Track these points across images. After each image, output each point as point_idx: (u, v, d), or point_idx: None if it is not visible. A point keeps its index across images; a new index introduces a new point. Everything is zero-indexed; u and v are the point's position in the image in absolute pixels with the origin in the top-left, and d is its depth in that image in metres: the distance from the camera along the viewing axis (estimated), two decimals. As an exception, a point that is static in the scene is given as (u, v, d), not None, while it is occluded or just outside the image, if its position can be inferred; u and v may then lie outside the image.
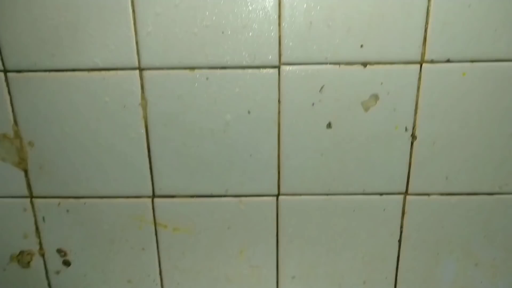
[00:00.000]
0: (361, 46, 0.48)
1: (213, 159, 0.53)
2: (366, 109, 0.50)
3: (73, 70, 0.50)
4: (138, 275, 0.59)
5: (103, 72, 0.50)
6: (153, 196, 0.55)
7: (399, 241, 0.56)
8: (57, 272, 0.60)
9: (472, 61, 0.48)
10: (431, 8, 0.46)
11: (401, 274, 0.58)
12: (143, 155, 0.53)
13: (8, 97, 0.52)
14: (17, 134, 0.53)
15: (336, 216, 0.55)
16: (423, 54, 0.48)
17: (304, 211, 0.55)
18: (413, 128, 0.51)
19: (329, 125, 0.51)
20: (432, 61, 0.48)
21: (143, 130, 0.52)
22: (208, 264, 0.58)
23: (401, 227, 0.55)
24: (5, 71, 0.50)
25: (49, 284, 0.60)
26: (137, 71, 0.50)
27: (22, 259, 0.58)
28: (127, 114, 0.52)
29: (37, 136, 0.53)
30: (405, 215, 0.55)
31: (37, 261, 0.59)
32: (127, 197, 0.55)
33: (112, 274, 0.59)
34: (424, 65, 0.48)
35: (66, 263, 0.59)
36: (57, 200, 0.56)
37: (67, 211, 0.56)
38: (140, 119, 0.52)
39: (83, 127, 0.52)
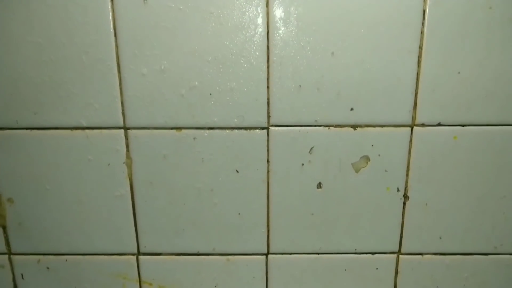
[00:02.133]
0: (351, 109, 0.58)
1: (200, 217, 0.63)
2: (357, 170, 0.60)
3: (56, 128, 0.60)
4: (121, 333, 0.69)
5: (87, 131, 0.60)
6: (138, 253, 0.65)
7: (393, 300, 0.66)
8: (37, 331, 0.69)
9: (463, 125, 0.58)
10: (421, 75, 0.56)
11: (395, 333, 0.68)
12: (127, 213, 0.63)
13: (-13, 154, 0.61)
14: (-4, 191, 0.63)
15: (327, 275, 0.65)
16: (413, 117, 0.58)
17: (294, 270, 0.65)
18: (405, 189, 0.61)
19: (319, 185, 0.61)
20: (423, 125, 0.58)
21: (128, 188, 0.62)
22: (195, 323, 0.68)
23: (395, 286, 0.66)
24: (-15, 129, 0.60)
25: None
26: (122, 130, 0.59)
27: (-1, 317, 0.68)
28: (111, 172, 0.61)
29: (17, 193, 0.63)
30: (398, 275, 0.65)
31: (15, 319, 0.69)
32: (111, 254, 0.65)
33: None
34: (415, 128, 0.58)
35: (46, 321, 0.68)
36: (36, 257, 0.66)
37: (47, 268, 0.66)
38: (124, 178, 0.61)
39: (65, 184, 0.62)
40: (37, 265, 0.66)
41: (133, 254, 0.65)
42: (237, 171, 0.60)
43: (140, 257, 0.65)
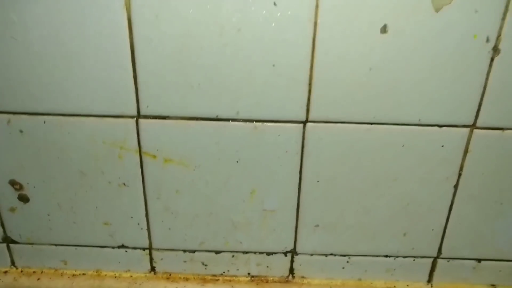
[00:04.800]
0: None
1: (221, 68, 0.53)
2: (437, 9, 0.50)
3: None
4: (117, 216, 0.64)
5: None
6: (138, 116, 0.57)
7: (455, 186, 0.61)
8: (12, 210, 0.64)
9: None
10: None
11: (452, 226, 0.64)
12: (124, 59, 0.53)
13: None
14: None
15: (380, 151, 0.58)
16: None
17: (338, 144, 0.58)
18: (497, 38, 0.52)
19: (384, 29, 0.51)
20: None
21: (125, 24, 0.52)
22: (209, 207, 0.62)
23: (461, 169, 0.59)
24: None
25: (1, 224, 0.65)
26: None
27: (-37, 191, 0.62)
28: (102, 2, 0.51)
29: (-27, 26, 0.52)
30: (467, 154, 0.58)
31: (-16, 195, 0.63)
32: (103, 116, 0.57)
33: (84, 215, 0.64)
34: None
35: (23, 199, 0.62)
36: (6, 117, 0.57)
37: (21, 131, 0.58)
38: (121, 8, 0.51)
39: (39, 18, 0.51)
40: (7, 127, 0.58)
41: (131, 117, 0.57)
42: (275, 4, 0.50)
43: (141, 120, 0.57)
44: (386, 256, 0.66)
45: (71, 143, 0.59)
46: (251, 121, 0.57)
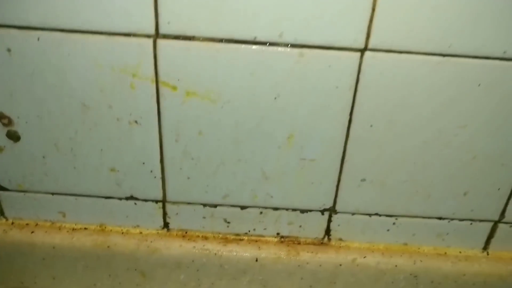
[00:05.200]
0: None
1: (265, -25, 0.43)
2: None
3: None
4: (126, 161, 0.54)
5: None
6: (156, 35, 0.46)
7: (535, 137, 0.51)
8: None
9: None
10: None
11: (522, 186, 0.55)
12: (141, -42, 0.42)
13: None
14: None
15: (450, 91, 0.48)
16: None
17: (401, 80, 0.48)
18: None
19: None
20: None
21: None
22: (238, 153, 0.53)
23: (544, 114, 0.50)
24: None
25: (-13, 166, 0.55)
26: None
27: None
28: None
29: None
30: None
31: (-35, 130, 0.53)
32: (112, 33, 0.46)
33: (86, 158, 0.54)
34: None
35: (12, 137, 0.53)
36: (-9, 31, 0.47)
37: (8, 50, 0.48)
38: None
39: None
40: (-7, 44, 0.47)
41: (148, 36, 0.46)
42: None
43: (160, 41, 0.46)
44: (440, 218, 0.58)
45: (72, 67, 0.48)
46: (297, 46, 0.46)
